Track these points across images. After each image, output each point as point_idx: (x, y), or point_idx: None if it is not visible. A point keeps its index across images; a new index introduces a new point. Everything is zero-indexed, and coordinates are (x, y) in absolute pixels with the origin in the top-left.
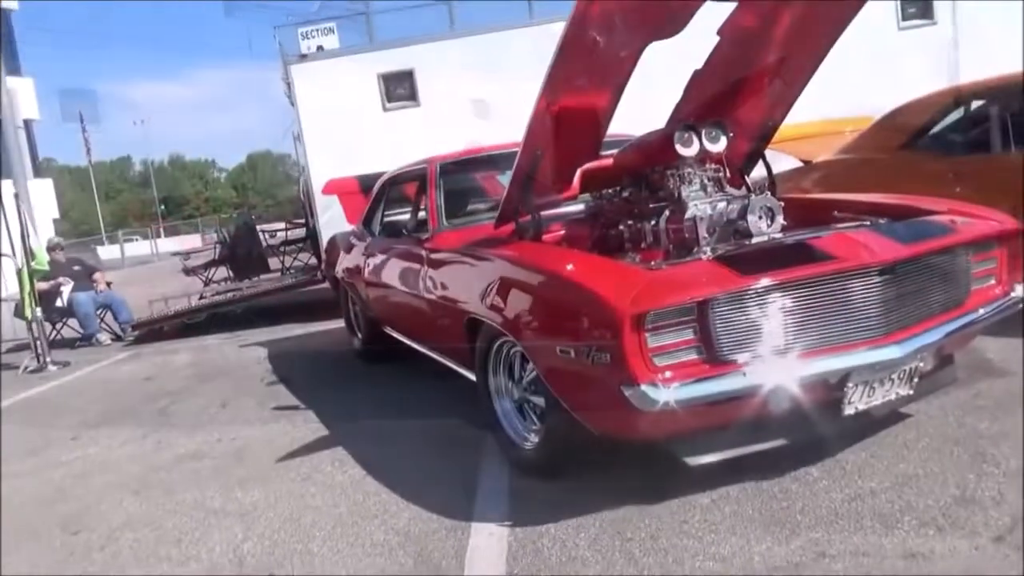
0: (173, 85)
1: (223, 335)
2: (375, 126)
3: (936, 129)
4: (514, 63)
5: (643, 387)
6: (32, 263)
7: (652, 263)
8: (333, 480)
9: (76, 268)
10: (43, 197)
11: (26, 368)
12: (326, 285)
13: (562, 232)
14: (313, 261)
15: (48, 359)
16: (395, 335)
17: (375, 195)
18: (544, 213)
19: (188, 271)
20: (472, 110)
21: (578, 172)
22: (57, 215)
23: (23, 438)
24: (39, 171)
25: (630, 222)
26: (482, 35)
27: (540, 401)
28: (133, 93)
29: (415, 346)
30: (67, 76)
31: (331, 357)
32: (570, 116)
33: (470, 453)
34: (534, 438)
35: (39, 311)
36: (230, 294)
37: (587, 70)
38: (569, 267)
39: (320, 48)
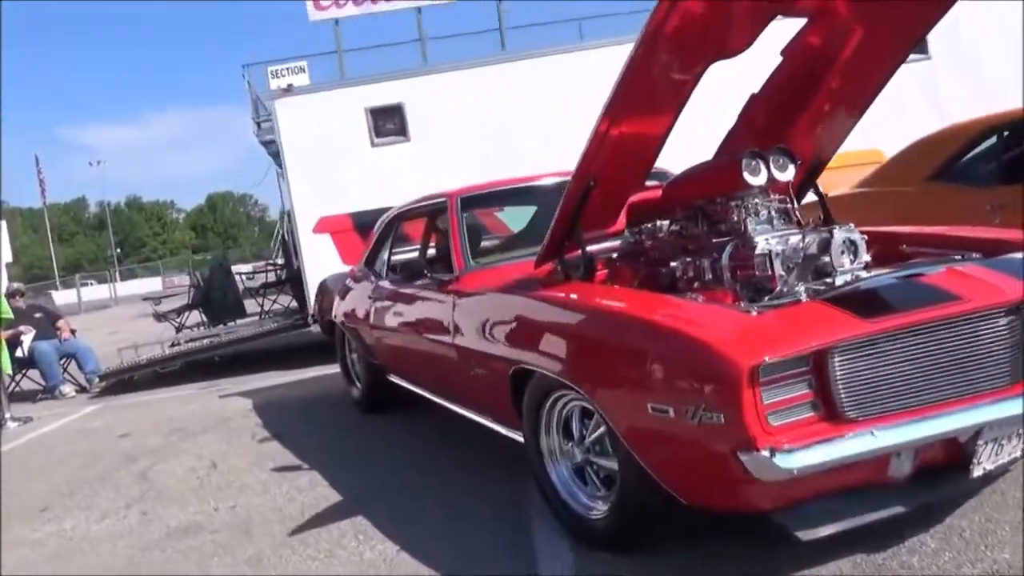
0: (128, 128)
1: (200, 384)
2: (363, 162)
3: (966, 159)
4: (509, 96)
5: (763, 452)
6: None
7: (750, 307)
8: (362, 558)
9: (37, 315)
10: None
11: None
12: (310, 330)
13: (601, 271)
14: (294, 304)
15: (7, 415)
16: (405, 385)
17: (379, 233)
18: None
19: (159, 316)
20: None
21: (625, 205)
22: (9, 259)
23: None
24: None
25: (686, 259)
26: (473, 68)
27: (609, 464)
28: (87, 136)
29: (433, 398)
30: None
31: (325, 407)
32: (627, 142)
33: (517, 519)
34: (601, 506)
35: (5, 362)
36: (206, 340)
37: (650, 91)
38: (661, 312)
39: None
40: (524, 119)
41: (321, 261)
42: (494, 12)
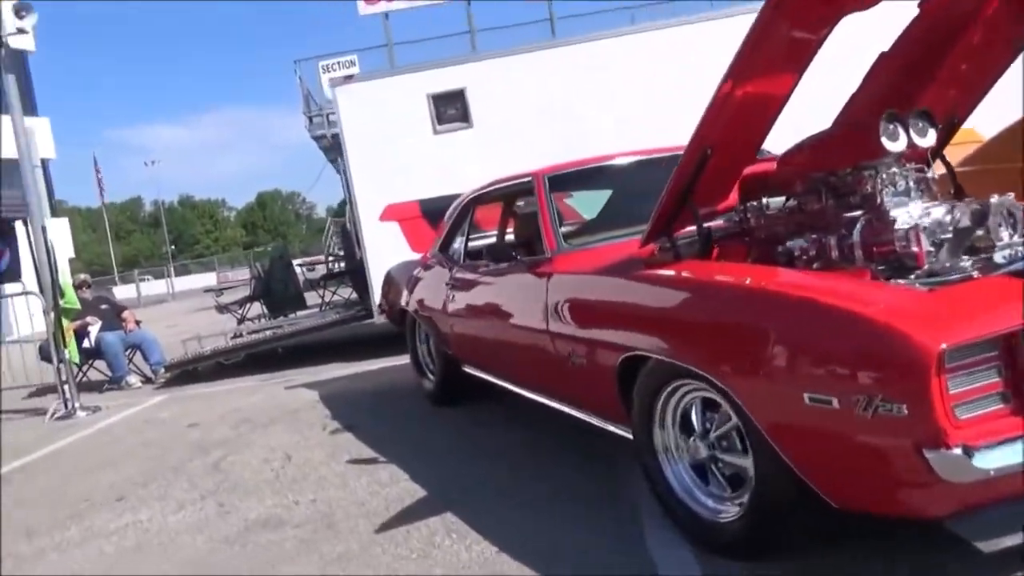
0: (180, 129)
1: (263, 376)
2: (425, 149)
3: None
4: (573, 80)
5: (954, 450)
6: (62, 301)
7: (913, 283)
8: (458, 559)
9: (104, 307)
10: (60, 236)
11: (53, 415)
12: (371, 322)
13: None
14: (354, 296)
15: (77, 404)
16: (483, 376)
17: (454, 218)
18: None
19: (221, 308)
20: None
21: (738, 178)
22: (72, 254)
23: (60, 498)
24: (55, 211)
25: (808, 235)
26: (537, 51)
27: (739, 462)
28: (140, 137)
29: (518, 390)
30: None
31: (395, 399)
32: (748, 105)
33: (621, 516)
34: (730, 508)
35: (73, 352)
36: (268, 332)
37: (776, 51)
38: (819, 289)
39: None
40: (589, 103)
41: (384, 251)
42: (541, 4)
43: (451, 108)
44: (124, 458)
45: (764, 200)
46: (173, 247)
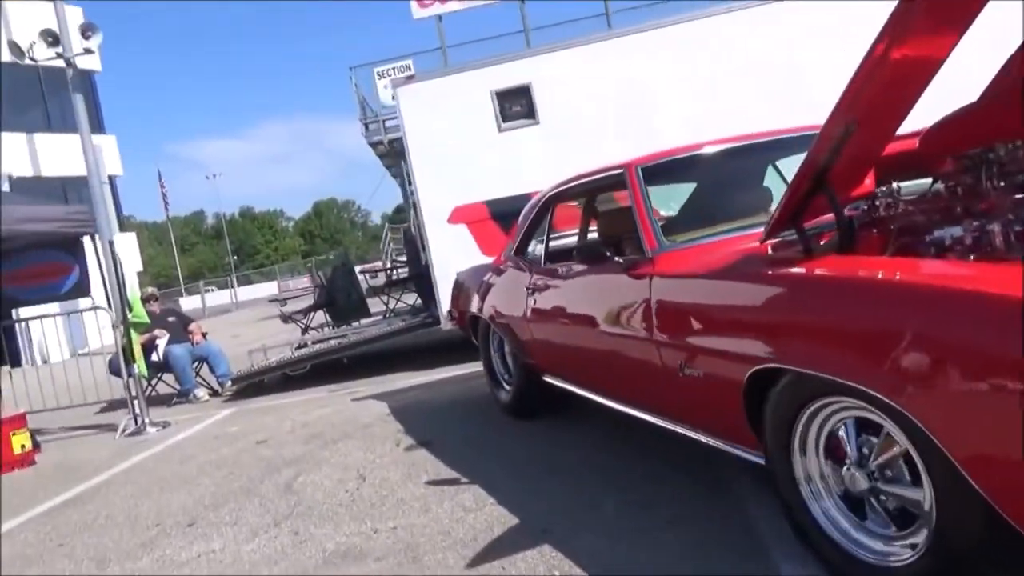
0: (237, 142)
1: (330, 387)
2: (490, 148)
3: None
4: (645, 71)
5: None
6: (130, 315)
7: None
8: None
9: (171, 319)
10: (128, 250)
11: (124, 431)
12: (438, 328)
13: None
14: (419, 302)
15: (147, 420)
16: (568, 387)
17: (532, 217)
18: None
19: (286, 318)
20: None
21: (876, 159)
22: (140, 268)
23: (131, 521)
24: (122, 226)
25: (965, 222)
26: (605, 41)
27: (910, 495)
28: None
29: (612, 404)
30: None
31: (469, 411)
32: (903, 72)
33: (754, 550)
34: (904, 552)
35: (141, 366)
36: (334, 341)
37: (938, 6)
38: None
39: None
40: (661, 95)
41: (451, 255)
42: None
43: (516, 104)
44: (195, 478)
45: (896, 184)
46: (235, 258)
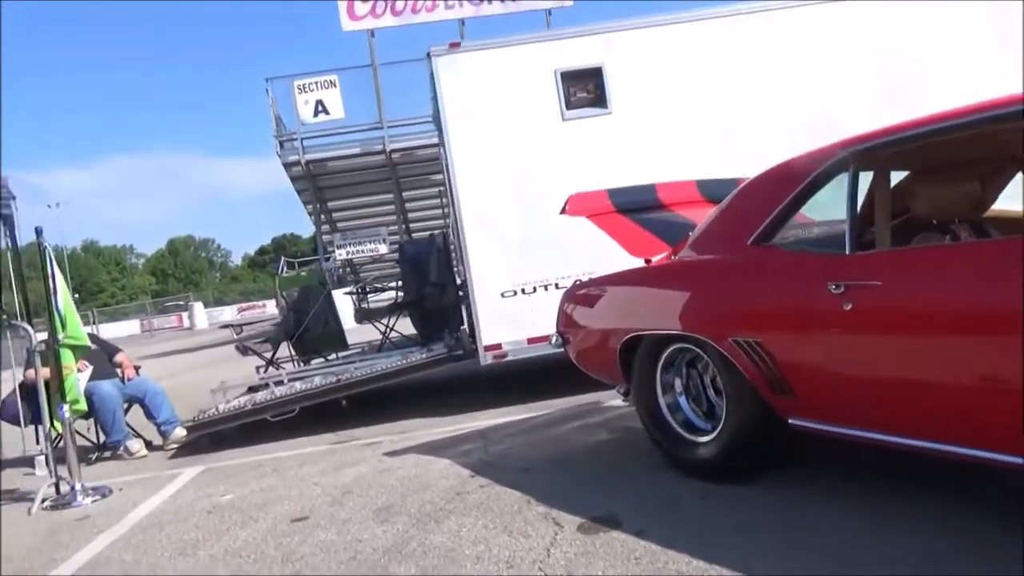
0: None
1: (327, 436)
2: (550, 140)
3: None
4: (730, 55)
5: None
6: (62, 335)
7: None
8: None
9: (93, 347)
10: None
11: (43, 503)
12: (478, 362)
13: None
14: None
15: (78, 485)
16: (852, 433)
17: (803, 187)
18: None
19: (244, 349)
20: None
21: None
22: None
23: None
24: None
25: None
26: (698, 22)
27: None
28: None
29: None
30: None
31: (616, 468)
32: None
33: None
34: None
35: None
36: (318, 379)
37: None
38: None
39: (320, 104)
40: (753, 86)
41: (493, 268)
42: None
43: (583, 90)
44: None
45: None
46: (76, 296)
